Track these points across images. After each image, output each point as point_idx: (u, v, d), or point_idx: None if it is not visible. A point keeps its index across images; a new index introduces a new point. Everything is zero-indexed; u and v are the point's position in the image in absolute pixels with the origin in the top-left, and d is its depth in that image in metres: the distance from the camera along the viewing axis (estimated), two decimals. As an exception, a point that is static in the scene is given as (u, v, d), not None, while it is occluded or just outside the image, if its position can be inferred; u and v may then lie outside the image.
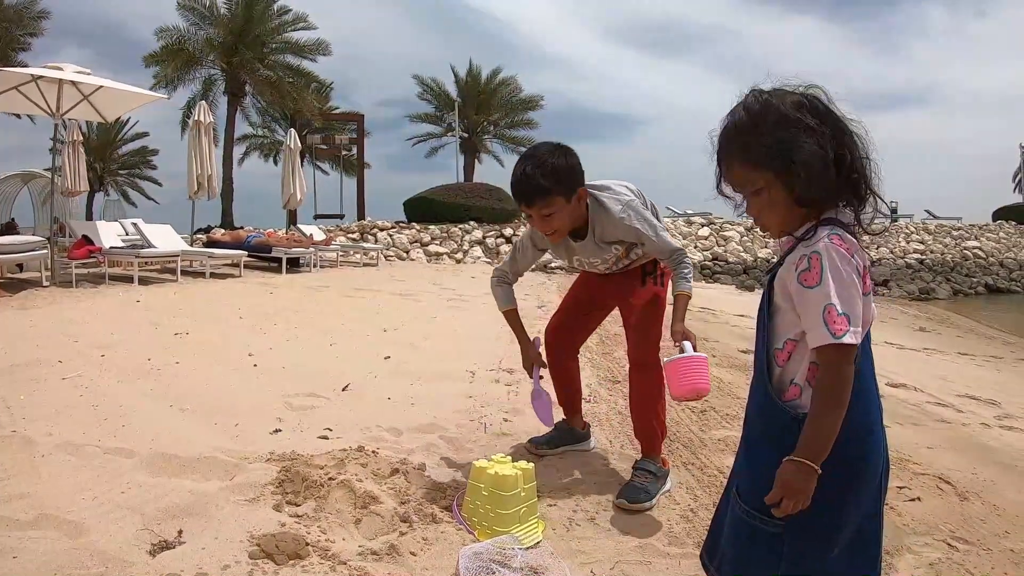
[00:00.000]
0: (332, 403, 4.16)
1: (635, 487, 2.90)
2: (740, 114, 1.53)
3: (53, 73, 9.99)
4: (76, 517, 2.41)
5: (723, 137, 1.56)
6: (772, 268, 1.61)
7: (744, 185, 1.55)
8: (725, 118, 1.56)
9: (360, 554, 2.28)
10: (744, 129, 1.52)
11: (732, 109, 1.55)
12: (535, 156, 2.83)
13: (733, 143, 1.54)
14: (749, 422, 1.65)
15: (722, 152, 1.56)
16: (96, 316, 7.16)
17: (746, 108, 1.53)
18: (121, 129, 43.94)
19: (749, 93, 1.55)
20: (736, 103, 1.56)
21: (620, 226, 2.93)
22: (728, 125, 1.55)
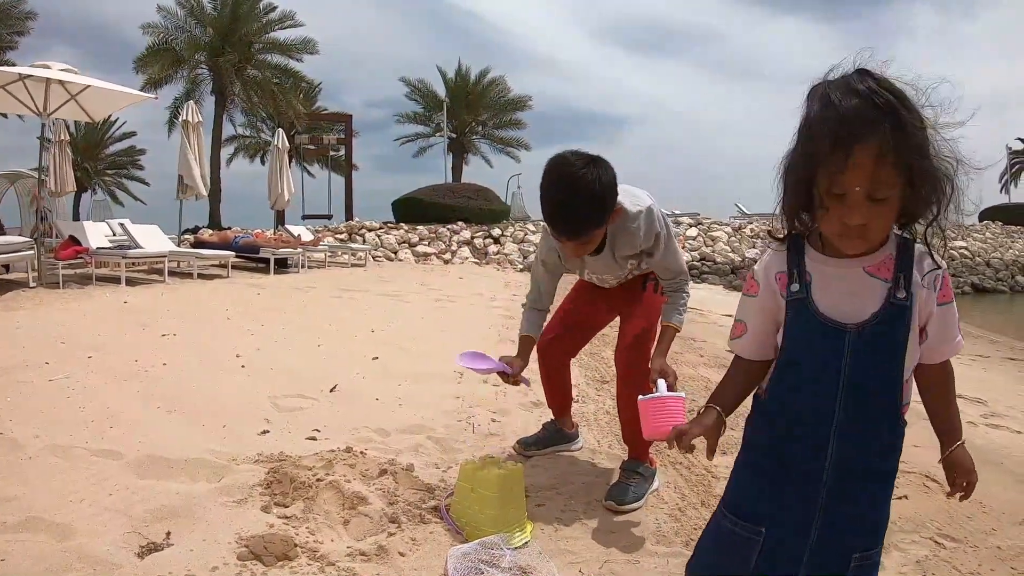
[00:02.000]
0: (320, 404, 4.15)
1: (623, 487, 2.90)
2: (888, 99, 1.28)
3: (40, 72, 9.93)
4: (64, 520, 2.40)
5: (876, 121, 1.26)
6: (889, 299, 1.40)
7: (880, 186, 1.29)
8: (852, 97, 1.29)
9: (349, 555, 2.28)
10: (905, 124, 1.27)
11: (856, 88, 1.30)
12: (575, 182, 2.48)
13: (899, 135, 1.26)
14: (864, 470, 1.46)
15: (871, 137, 1.25)
16: (83, 317, 7.12)
17: (896, 96, 1.29)
18: (108, 129, 43.75)
19: (863, 74, 1.32)
20: (847, 77, 1.33)
21: (638, 235, 2.76)
22: (880, 108, 1.27)
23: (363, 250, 17.57)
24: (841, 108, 1.28)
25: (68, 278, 10.42)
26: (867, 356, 1.40)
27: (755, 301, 1.55)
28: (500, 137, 39.55)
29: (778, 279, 1.49)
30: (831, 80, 1.34)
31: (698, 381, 5.32)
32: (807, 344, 1.45)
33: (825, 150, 1.29)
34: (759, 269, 1.54)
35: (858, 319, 1.40)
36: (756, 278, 1.55)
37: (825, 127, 1.29)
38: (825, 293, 1.44)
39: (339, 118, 33.39)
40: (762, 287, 1.53)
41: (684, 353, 6.61)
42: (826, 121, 1.30)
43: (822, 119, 1.31)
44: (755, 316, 1.56)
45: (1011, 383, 6.70)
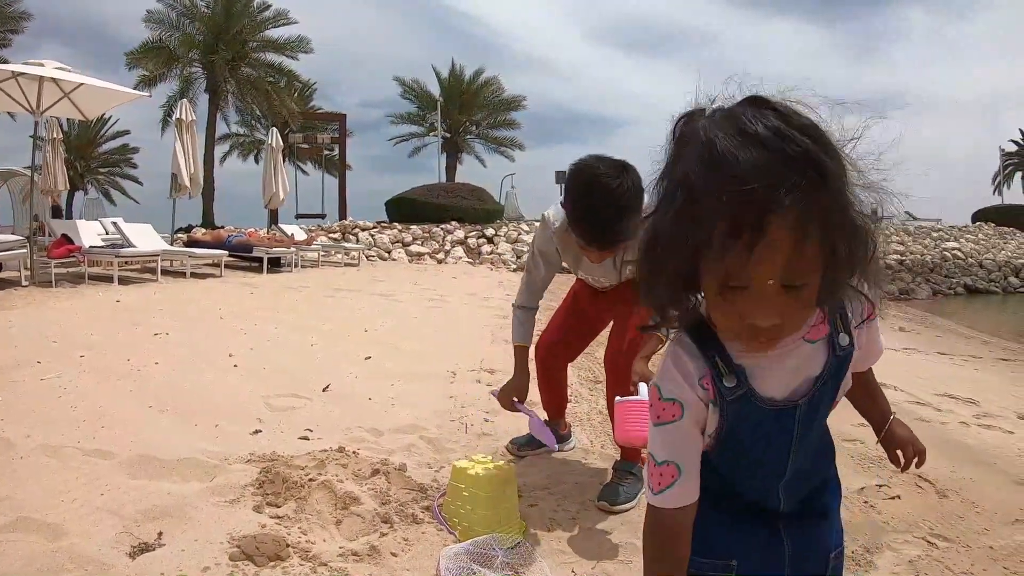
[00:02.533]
0: (313, 404, 4.15)
1: (615, 488, 2.90)
2: (804, 144, 0.92)
3: (34, 70, 9.90)
4: (55, 520, 2.39)
5: (790, 181, 0.89)
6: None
7: (798, 272, 0.95)
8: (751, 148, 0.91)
9: (341, 555, 2.27)
10: (828, 178, 0.93)
11: (755, 131, 0.92)
12: (612, 195, 2.46)
13: (822, 197, 0.92)
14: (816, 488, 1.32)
15: (785, 207, 0.89)
16: (75, 316, 7.10)
17: (811, 137, 0.94)
18: (101, 127, 43.62)
19: (759, 107, 0.96)
20: (737, 113, 0.96)
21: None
22: (794, 159, 0.91)
23: (356, 249, 17.55)
24: (737, 166, 0.90)
25: (60, 277, 10.39)
26: (815, 412, 1.18)
27: (678, 428, 1.13)
28: (494, 137, 39.57)
29: (704, 384, 1.12)
30: (714, 118, 0.98)
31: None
32: (753, 431, 1.16)
33: (718, 232, 0.92)
34: (670, 386, 1.13)
35: (806, 390, 1.15)
36: (671, 398, 1.13)
37: (716, 198, 0.91)
38: (767, 378, 1.12)
39: (333, 117, 33.39)
40: (686, 405, 1.12)
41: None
42: (714, 188, 0.91)
43: (708, 185, 0.92)
44: (685, 448, 1.14)
45: (1004, 383, 6.71)
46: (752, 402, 1.12)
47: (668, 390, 1.13)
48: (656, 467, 1.14)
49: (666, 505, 1.15)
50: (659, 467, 1.14)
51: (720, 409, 1.12)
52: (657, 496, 1.14)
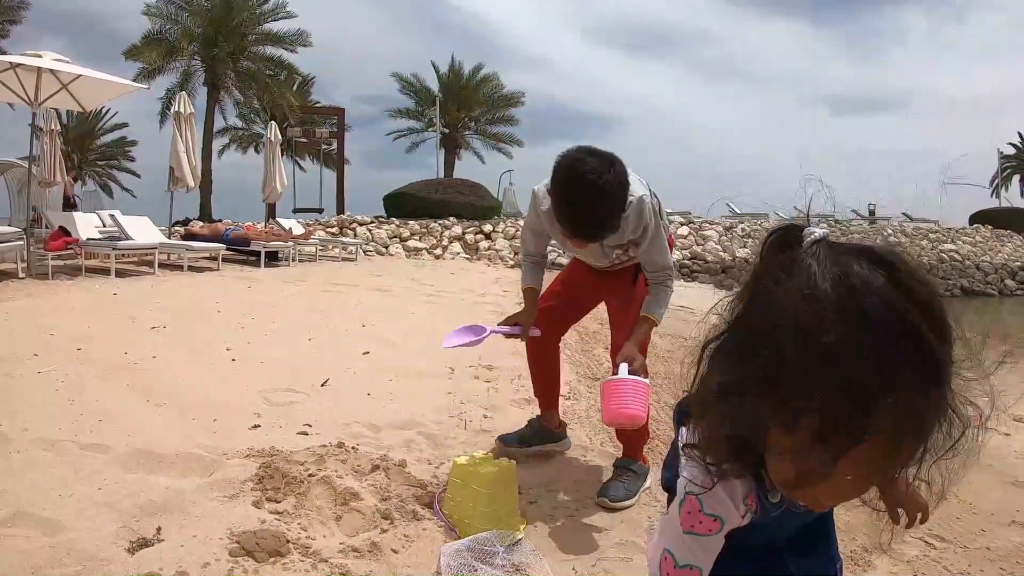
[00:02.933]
0: (311, 399, 4.14)
1: (615, 485, 2.90)
2: (938, 354, 0.81)
3: (32, 61, 9.85)
4: (52, 514, 2.37)
5: (910, 392, 0.78)
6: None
7: (877, 472, 0.89)
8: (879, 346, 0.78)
9: (341, 551, 2.27)
10: (945, 393, 0.84)
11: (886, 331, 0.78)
12: (596, 190, 2.49)
13: (934, 410, 0.82)
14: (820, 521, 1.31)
15: (900, 416, 0.79)
16: (72, 309, 7.08)
17: (942, 335, 0.82)
18: (99, 120, 43.54)
19: (894, 276, 0.82)
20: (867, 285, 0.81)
21: (626, 225, 2.70)
22: (927, 368, 0.79)
23: (354, 244, 17.53)
24: (841, 356, 0.77)
25: (57, 269, 10.36)
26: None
27: (711, 540, 1.09)
28: (493, 133, 39.53)
29: (747, 501, 1.07)
30: (820, 264, 0.83)
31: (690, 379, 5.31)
32: (776, 523, 1.15)
33: (804, 424, 0.82)
34: (714, 503, 1.06)
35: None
36: (713, 515, 1.07)
37: (807, 384, 0.79)
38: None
39: (331, 112, 33.36)
40: (726, 523, 1.07)
41: (676, 352, 6.61)
42: (810, 373, 0.79)
43: (802, 362, 0.80)
44: (711, 554, 1.10)
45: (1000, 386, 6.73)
46: (791, 510, 1.10)
47: (711, 507, 1.07)
48: (677, 568, 1.11)
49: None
50: (680, 569, 1.11)
51: (759, 514, 1.09)
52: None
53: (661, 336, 7.50)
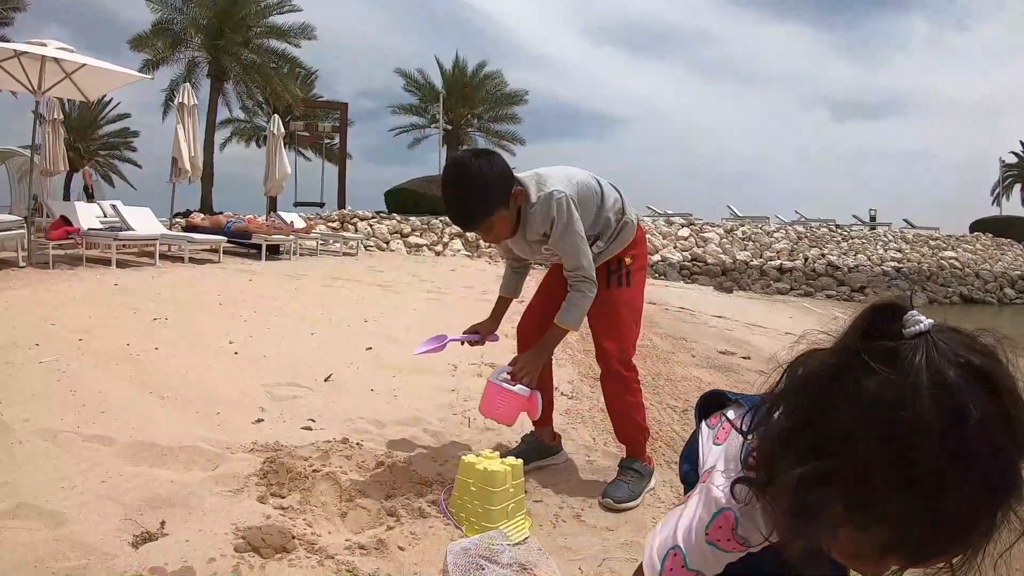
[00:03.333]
0: (314, 394, 4.12)
1: (620, 486, 2.89)
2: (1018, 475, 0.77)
3: (36, 49, 9.83)
4: (55, 507, 2.35)
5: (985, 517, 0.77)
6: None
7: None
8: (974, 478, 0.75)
9: (347, 548, 2.25)
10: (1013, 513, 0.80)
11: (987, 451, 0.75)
12: (459, 176, 2.64)
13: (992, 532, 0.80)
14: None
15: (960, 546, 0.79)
16: (73, 299, 7.06)
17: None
18: (102, 109, 43.49)
19: (999, 394, 0.78)
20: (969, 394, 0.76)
21: (536, 219, 2.75)
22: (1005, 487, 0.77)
23: (355, 239, 17.51)
24: (942, 492, 0.74)
25: (58, 258, 10.34)
26: None
27: (731, 557, 1.09)
28: (495, 131, 39.52)
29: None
30: (932, 373, 0.78)
31: (690, 381, 5.31)
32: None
33: (875, 539, 0.80)
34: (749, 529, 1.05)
35: None
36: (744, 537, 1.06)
37: (894, 509, 0.77)
38: None
39: (335, 106, 33.41)
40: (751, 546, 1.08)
41: (676, 353, 6.61)
42: (898, 497, 0.76)
43: (891, 481, 0.77)
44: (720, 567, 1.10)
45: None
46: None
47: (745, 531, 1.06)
48: (684, 568, 1.11)
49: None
50: (688, 570, 1.11)
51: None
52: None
53: (662, 337, 7.50)
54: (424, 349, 3.09)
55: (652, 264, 19.16)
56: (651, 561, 1.15)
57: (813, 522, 0.85)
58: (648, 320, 8.58)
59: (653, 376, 5.40)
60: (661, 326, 8.34)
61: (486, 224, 2.69)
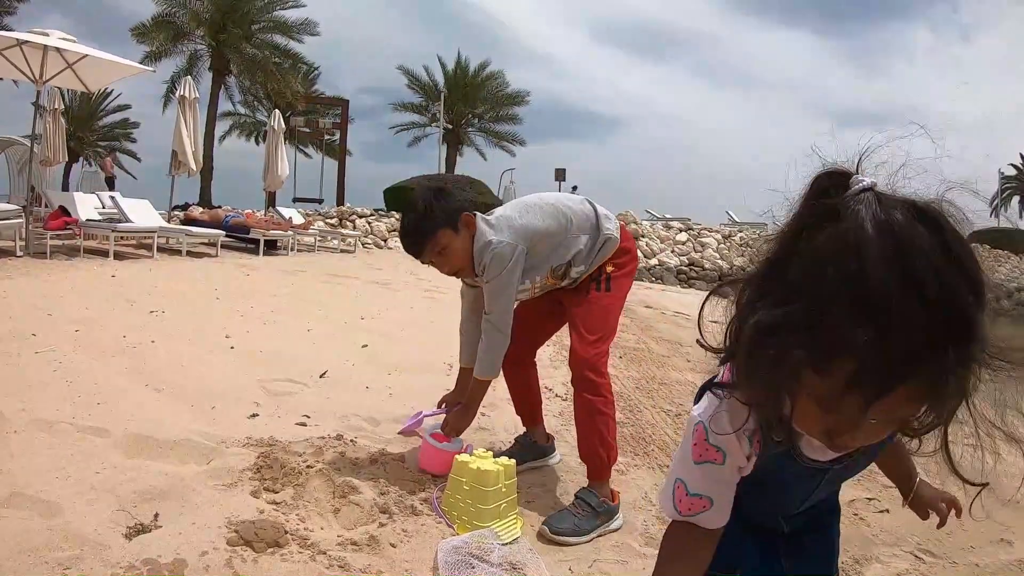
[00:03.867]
0: (309, 389, 4.14)
1: (565, 516, 2.63)
2: (966, 306, 0.82)
3: (38, 39, 9.83)
4: (50, 496, 2.37)
5: (937, 351, 0.80)
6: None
7: (897, 420, 0.92)
8: (914, 295, 0.78)
9: (340, 544, 2.27)
10: (971, 357, 0.84)
11: (923, 277, 0.79)
12: (408, 204, 2.86)
13: (958, 374, 0.83)
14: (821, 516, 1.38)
15: (921, 378, 0.81)
16: (70, 290, 7.07)
17: (977, 295, 0.84)
18: (103, 100, 43.46)
19: (937, 231, 0.82)
20: (909, 232, 0.81)
21: (476, 258, 2.79)
22: (950, 325, 0.80)
23: (353, 236, 17.51)
24: (885, 313, 0.78)
25: (56, 249, 10.34)
26: (845, 474, 1.23)
27: (718, 470, 1.13)
28: (496, 131, 39.58)
29: (755, 436, 1.10)
30: (871, 213, 0.83)
31: (685, 386, 5.33)
32: (779, 477, 1.17)
33: (836, 371, 0.83)
34: (716, 432, 1.10)
35: (844, 456, 1.14)
36: (716, 445, 1.11)
37: (845, 336, 0.80)
38: (813, 444, 1.10)
39: (335, 103, 33.43)
40: (728, 455, 1.11)
41: (671, 357, 6.63)
42: (848, 325, 0.80)
43: (841, 312, 0.80)
44: (721, 486, 1.14)
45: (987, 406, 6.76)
46: (791, 456, 1.13)
47: (714, 437, 1.11)
48: (688, 496, 1.15)
49: (692, 522, 1.16)
50: (691, 497, 1.15)
51: (761, 453, 1.12)
52: (685, 517, 1.16)
53: (658, 341, 7.52)
54: (406, 427, 3.22)
55: (649, 268, 19.18)
56: (664, 502, 1.20)
57: (776, 369, 0.87)
58: (644, 324, 8.60)
59: (648, 380, 5.42)
60: (657, 330, 8.36)
61: (432, 244, 2.75)
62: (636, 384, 5.22)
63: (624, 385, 5.08)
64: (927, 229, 0.82)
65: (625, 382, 5.21)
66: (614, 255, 2.92)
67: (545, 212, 2.87)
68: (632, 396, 4.77)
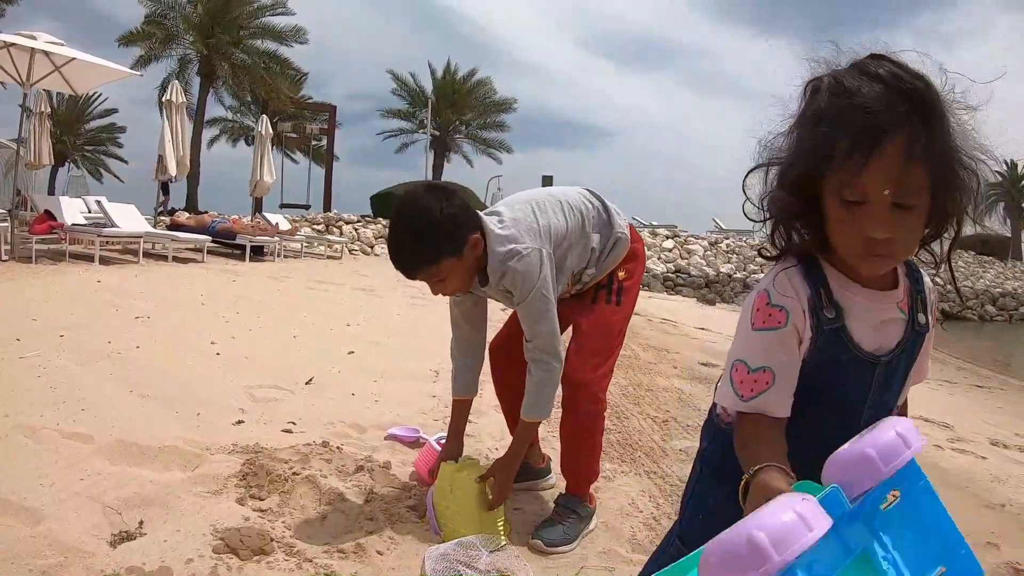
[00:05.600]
0: (295, 396, 4.12)
1: (555, 528, 2.58)
2: (915, 84, 1.06)
3: (26, 41, 9.78)
4: (33, 504, 2.35)
5: (905, 110, 1.03)
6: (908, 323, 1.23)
7: (908, 191, 1.06)
8: (873, 83, 1.07)
9: (326, 552, 2.26)
10: (936, 115, 1.07)
11: (875, 72, 1.08)
12: (403, 214, 2.35)
13: (930, 129, 1.04)
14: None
15: (900, 130, 1.02)
16: (55, 295, 7.01)
17: (922, 81, 1.08)
18: (89, 104, 43.26)
19: (878, 58, 1.11)
20: (859, 63, 1.12)
21: (495, 275, 2.43)
22: (908, 95, 1.05)
23: (340, 242, 17.47)
24: (861, 96, 1.05)
25: (41, 253, 10.25)
26: (888, 384, 1.24)
27: (780, 336, 1.17)
28: (483, 138, 39.65)
29: (808, 304, 1.17)
30: (838, 69, 1.12)
31: (671, 392, 5.35)
32: (835, 378, 1.20)
33: (842, 146, 1.04)
34: (780, 293, 1.18)
35: (887, 350, 1.21)
36: (779, 305, 1.18)
37: (841, 118, 1.05)
38: (859, 323, 1.19)
39: (323, 108, 33.35)
40: (791, 314, 1.17)
41: (658, 364, 6.65)
42: (842, 111, 1.06)
43: (835, 109, 1.07)
44: (783, 357, 1.17)
45: (977, 409, 6.81)
46: (842, 339, 1.18)
47: (777, 297, 1.18)
48: (750, 374, 1.17)
49: (757, 410, 1.17)
50: (753, 373, 1.17)
51: (814, 338, 1.18)
52: (748, 402, 1.17)
53: (645, 348, 7.53)
54: (398, 432, 3.23)
55: (636, 274, 19.21)
56: (723, 391, 1.23)
57: (806, 159, 1.11)
58: (631, 331, 8.59)
59: (635, 387, 5.43)
60: (644, 337, 8.38)
61: (430, 272, 2.36)
62: (623, 391, 5.22)
63: (611, 392, 5.05)
64: (875, 56, 1.11)
65: (612, 389, 5.19)
66: (625, 259, 2.69)
67: (562, 208, 2.57)
68: (619, 403, 4.77)
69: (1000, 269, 27.94)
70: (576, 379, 2.55)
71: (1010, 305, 24.21)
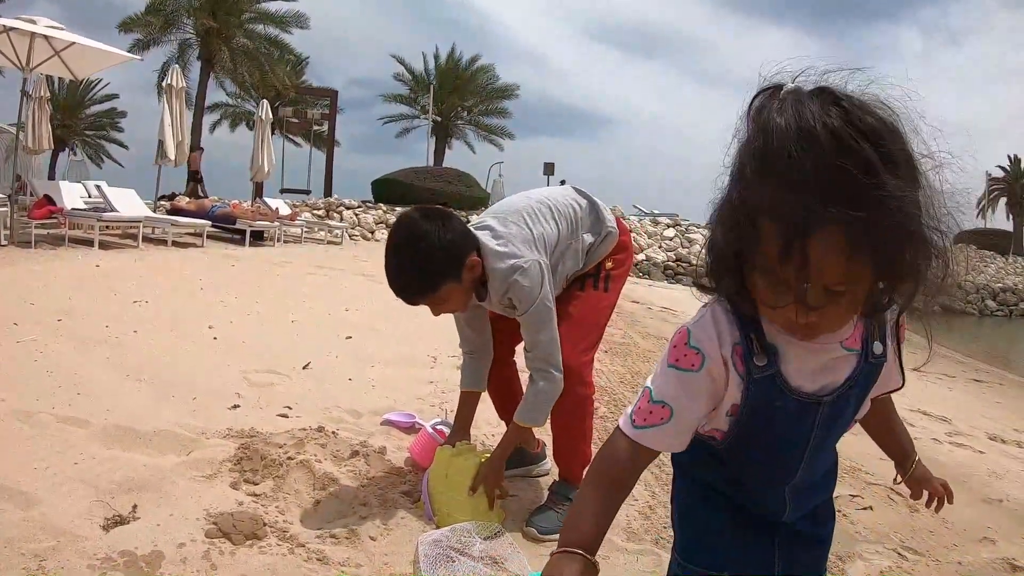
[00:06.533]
0: (292, 381, 4.12)
1: (549, 515, 2.59)
2: (867, 155, 0.89)
3: (26, 26, 9.74)
4: (27, 487, 2.34)
5: (845, 194, 0.87)
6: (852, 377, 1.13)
7: (839, 281, 0.94)
8: (810, 149, 0.89)
9: (319, 537, 2.26)
10: (889, 196, 0.89)
11: (816, 131, 0.90)
12: (401, 242, 2.36)
13: (876, 216, 0.88)
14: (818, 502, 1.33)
15: (834, 224, 0.88)
16: (54, 279, 7.00)
17: (876, 144, 0.90)
18: (89, 89, 43.16)
19: (826, 101, 0.93)
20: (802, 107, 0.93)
21: (496, 290, 2.45)
22: (851, 173, 0.88)
23: (340, 228, 17.45)
24: (787, 171, 0.89)
25: (40, 238, 10.24)
26: (838, 416, 1.16)
27: (690, 379, 1.11)
28: (485, 124, 39.61)
29: (735, 351, 1.09)
30: (782, 103, 0.95)
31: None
32: (771, 421, 1.13)
33: (763, 232, 0.93)
34: (701, 336, 1.10)
35: (833, 388, 1.12)
36: (696, 348, 1.10)
37: (762, 200, 0.92)
38: (797, 366, 1.10)
39: (324, 93, 33.25)
40: (708, 360, 1.10)
41: (657, 352, 6.61)
42: (762, 190, 0.92)
43: (757, 182, 0.94)
44: (686, 401, 1.11)
45: (976, 404, 6.80)
46: (777, 384, 1.10)
47: (696, 339, 1.11)
48: (649, 403, 1.12)
49: (641, 441, 1.12)
50: (652, 404, 1.12)
51: (745, 386, 1.10)
52: (635, 429, 1.13)
53: (644, 336, 7.53)
54: (394, 417, 3.25)
55: (636, 263, 19.20)
56: (624, 414, 1.17)
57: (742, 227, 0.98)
58: (631, 319, 8.61)
59: (633, 375, 5.43)
60: (643, 325, 8.37)
61: (431, 299, 2.41)
62: (620, 379, 5.22)
63: (609, 380, 5.08)
64: (823, 97, 0.93)
65: (610, 376, 5.21)
66: (614, 251, 2.74)
67: (552, 214, 2.59)
68: (616, 391, 4.76)
69: (1001, 264, 27.90)
70: (566, 364, 2.53)
71: (1010, 300, 24.23)
